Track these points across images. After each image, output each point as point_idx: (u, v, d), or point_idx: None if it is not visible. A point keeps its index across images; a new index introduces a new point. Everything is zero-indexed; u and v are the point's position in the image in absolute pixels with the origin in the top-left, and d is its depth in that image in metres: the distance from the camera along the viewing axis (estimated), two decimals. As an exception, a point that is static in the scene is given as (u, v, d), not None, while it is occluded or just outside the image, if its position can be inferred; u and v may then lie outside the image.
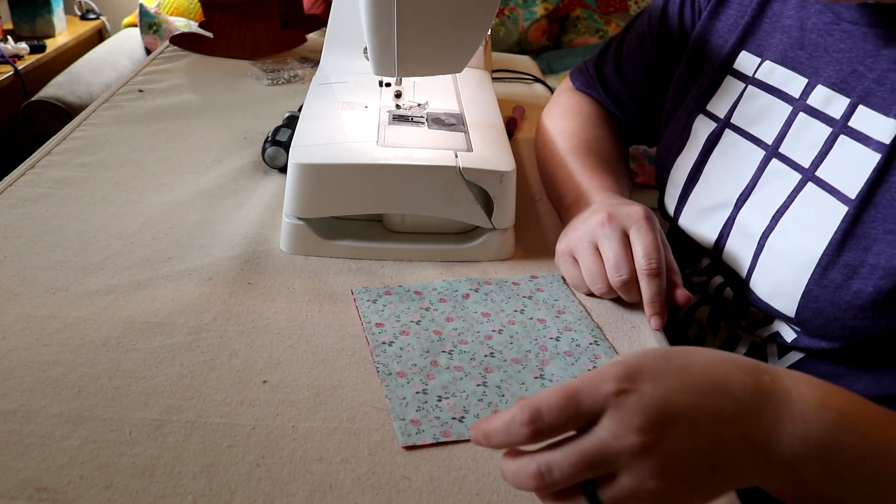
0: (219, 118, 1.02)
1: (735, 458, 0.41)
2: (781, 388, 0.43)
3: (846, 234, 0.59)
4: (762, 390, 0.42)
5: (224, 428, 0.51)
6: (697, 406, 0.41)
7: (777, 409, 0.42)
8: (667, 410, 0.40)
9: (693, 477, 0.40)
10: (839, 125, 0.62)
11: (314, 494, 0.47)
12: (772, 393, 0.42)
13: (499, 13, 2.39)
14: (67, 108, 1.94)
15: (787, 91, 0.67)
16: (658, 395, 0.40)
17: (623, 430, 0.39)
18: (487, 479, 0.49)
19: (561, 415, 0.40)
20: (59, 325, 0.60)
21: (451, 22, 0.67)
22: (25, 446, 0.48)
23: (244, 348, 0.59)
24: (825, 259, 0.60)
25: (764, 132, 0.68)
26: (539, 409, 0.40)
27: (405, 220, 0.73)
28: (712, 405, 0.41)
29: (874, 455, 0.42)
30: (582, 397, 0.40)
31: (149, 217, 0.76)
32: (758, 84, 0.70)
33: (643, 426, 0.39)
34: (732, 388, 0.42)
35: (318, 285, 0.67)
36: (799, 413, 0.42)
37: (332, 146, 0.71)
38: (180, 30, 2.20)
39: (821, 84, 0.64)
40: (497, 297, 0.66)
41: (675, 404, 0.40)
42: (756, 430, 0.41)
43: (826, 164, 0.62)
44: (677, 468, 0.40)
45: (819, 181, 0.62)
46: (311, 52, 1.32)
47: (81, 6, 2.71)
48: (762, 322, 0.68)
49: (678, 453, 0.40)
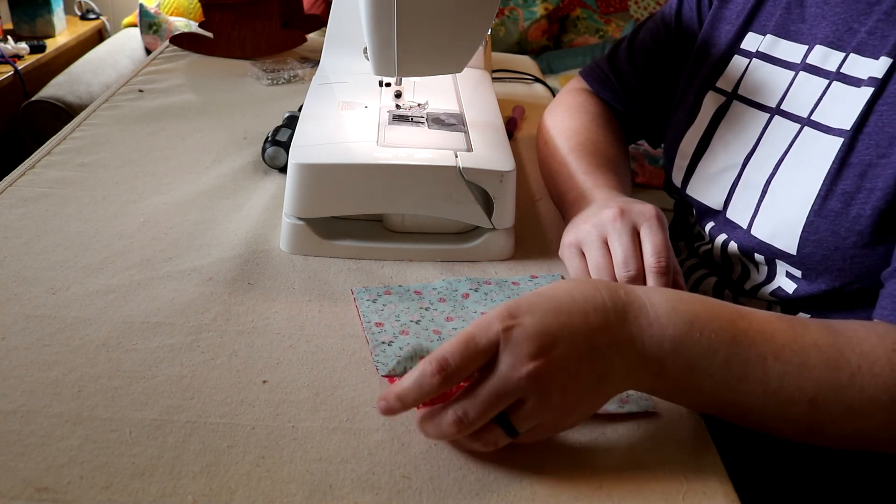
0: (219, 118, 1.02)
1: (613, 363, 0.48)
2: (636, 299, 0.50)
3: (842, 163, 0.61)
4: (620, 303, 0.50)
5: (224, 428, 0.51)
6: (571, 324, 0.48)
7: (636, 317, 0.49)
8: (548, 334, 0.47)
9: (584, 384, 0.48)
10: (833, 75, 0.65)
11: (314, 494, 0.47)
12: (629, 304, 0.50)
13: (499, 13, 2.39)
14: (67, 108, 1.94)
15: (788, 60, 0.70)
16: (537, 322, 0.47)
17: (517, 360, 0.46)
18: (487, 479, 0.49)
19: (464, 357, 0.46)
20: (59, 325, 0.60)
21: (451, 22, 0.67)
22: (25, 446, 0.48)
23: (244, 348, 0.59)
24: (823, 189, 0.62)
25: (767, 97, 0.71)
26: (445, 357, 0.46)
27: (405, 220, 0.73)
28: (582, 321, 0.48)
29: (725, 345, 0.49)
30: (478, 339, 0.46)
31: (149, 217, 0.76)
32: (761, 56, 0.73)
33: (532, 352, 0.46)
34: (595, 305, 0.49)
35: (318, 285, 0.67)
36: (654, 318, 0.49)
37: (332, 146, 0.71)
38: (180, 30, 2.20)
39: (818, 44, 0.67)
40: (497, 297, 0.66)
41: (552, 326, 0.47)
42: (622, 336, 0.49)
43: (820, 109, 0.65)
44: (570, 381, 0.47)
45: (815, 124, 0.65)
46: (311, 52, 1.32)
47: (81, 6, 2.71)
48: (765, 280, 0.70)
49: (567, 368, 0.47)
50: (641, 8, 2.63)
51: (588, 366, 0.48)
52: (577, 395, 0.48)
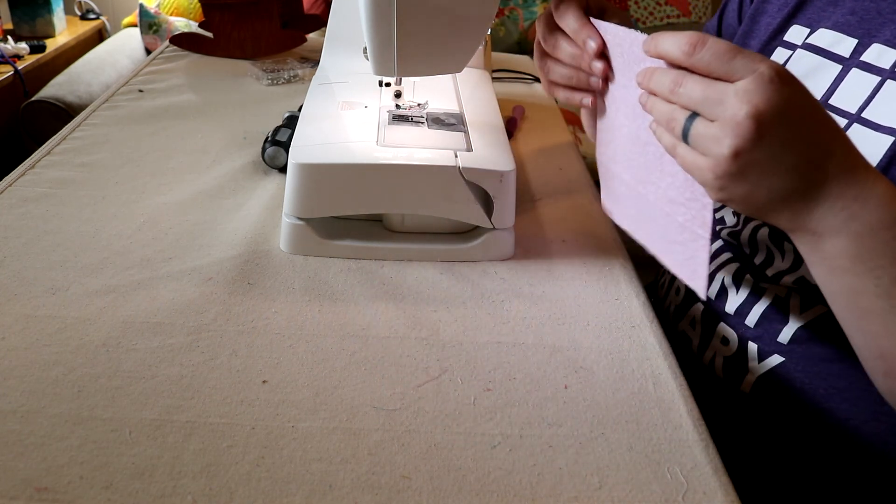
0: (219, 118, 1.02)
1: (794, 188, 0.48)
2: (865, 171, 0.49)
3: (890, 161, 0.59)
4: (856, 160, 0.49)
5: (224, 428, 0.51)
6: (808, 127, 0.47)
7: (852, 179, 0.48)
8: (785, 115, 0.46)
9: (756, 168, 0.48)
10: (887, 73, 0.62)
11: (314, 494, 0.47)
12: (860, 168, 0.49)
13: (499, 13, 2.39)
14: (67, 108, 1.94)
15: (835, 51, 0.68)
16: (788, 99, 0.46)
17: (746, 98, 0.46)
18: (487, 479, 0.49)
19: (716, 52, 0.47)
20: (59, 325, 0.60)
21: (451, 22, 0.67)
22: (25, 446, 0.48)
23: (244, 348, 0.59)
24: None
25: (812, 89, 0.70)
26: (705, 40, 0.47)
27: (405, 220, 0.73)
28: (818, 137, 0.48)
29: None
30: (741, 57, 0.47)
31: (149, 217, 0.76)
32: (806, 47, 0.71)
33: (759, 109, 0.45)
34: (840, 139, 0.49)
35: (318, 285, 0.67)
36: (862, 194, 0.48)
37: (332, 146, 0.71)
38: (180, 30, 2.20)
39: (875, 42, 0.65)
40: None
41: (796, 115, 0.47)
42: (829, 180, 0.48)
43: (872, 107, 0.62)
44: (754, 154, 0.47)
45: (864, 121, 0.63)
46: (311, 52, 1.32)
47: (81, 6, 2.71)
48: (790, 268, 0.68)
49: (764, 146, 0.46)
50: (641, 8, 2.63)
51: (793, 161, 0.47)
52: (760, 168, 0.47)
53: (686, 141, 0.50)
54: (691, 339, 0.76)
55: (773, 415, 0.67)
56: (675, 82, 0.49)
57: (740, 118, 0.46)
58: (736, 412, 0.69)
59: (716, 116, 0.47)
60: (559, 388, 0.57)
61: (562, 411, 0.55)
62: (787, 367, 0.66)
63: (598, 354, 0.61)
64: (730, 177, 0.48)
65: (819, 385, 0.64)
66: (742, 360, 0.69)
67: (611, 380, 0.58)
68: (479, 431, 0.52)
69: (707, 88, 0.48)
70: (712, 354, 0.73)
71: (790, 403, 0.66)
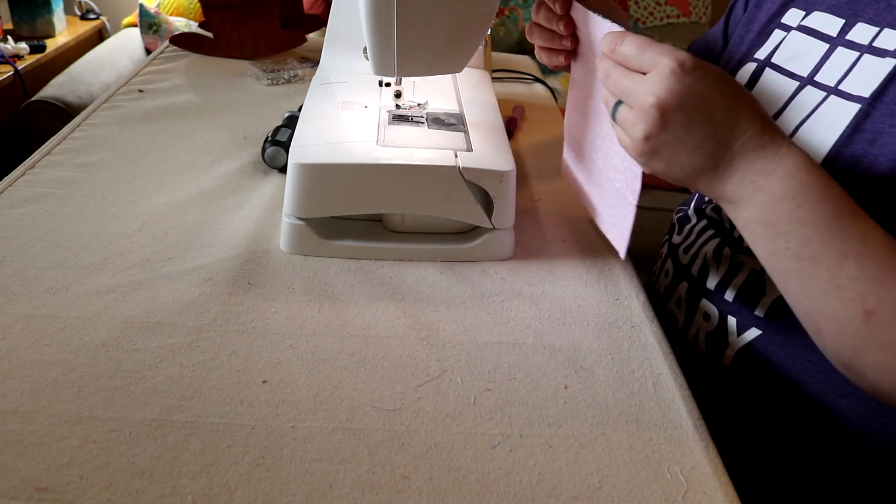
0: (219, 118, 1.02)
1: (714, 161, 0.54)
2: (775, 146, 0.53)
3: (856, 128, 0.62)
4: (763, 136, 0.53)
5: (224, 428, 0.51)
6: (710, 111, 0.52)
7: (762, 154, 0.53)
8: (686, 103, 0.51)
9: (666, 148, 0.53)
10: (866, 49, 0.65)
11: (314, 494, 0.47)
12: (769, 143, 0.53)
13: (499, 13, 2.39)
14: (67, 108, 1.94)
15: (825, 32, 0.71)
16: (690, 88, 0.51)
17: (650, 89, 0.52)
18: (487, 479, 0.49)
19: (630, 47, 0.54)
20: (59, 325, 0.60)
21: (451, 22, 0.67)
22: (25, 446, 0.48)
23: (244, 348, 0.59)
24: (833, 151, 0.63)
25: (799, 67, 0.72)
26: (624, 36, 0.55)
27: (405, 220, 0.73)
28: (721, 119, 0.52)
29: (814, 226, 0.52)
30: (649, 51, 0.53)
31: (149, 217, 0.76)
32: (800, 29, 0.74)
33: (661, 98, 0.51)
34: (746, 118, 0.53)
35: (318, 285, 0.67)
36: (772, 167, 0.53)
37: (332, 146, 0.71)
38: (180, 30, 2.20)
39: (860, 21, 0.68)
40: None
41: (696, 101, 0.52)
42: (736, 156, 0.53)
43: (848, 79, 0.65)
44: (661, 137, 0.52)
45: (840, 93, 0.65)
46: (311, 52, 1.32)
47: (81, 6, 2.71)
48: None
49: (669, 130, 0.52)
50: (641, 8, 2.63)
51: (698, 142, 0.53)
52: (670, 148, 0.53)
53: (616, 121, 0.57)
54: (677, 318, 0.77)
55: (752, 388, 0.69)
56: (606, 73, 0.56)
57: (647, 107, 0.52)
58: (717, 386, 0.70)
59: (632, 104, 0.54)
60: (559, 388, 0.57)
61: (562, 411, 0.55)
62: (764, 340, 0.67)
63: (598, 354, 0.61)
64: (647, 155, 0.55)
65: (795, 358, 0.65)
66: (723, 335, 0.70)
67: (611, 380, 0.58)
68: (479, 431, 0.52)
69: (624, 79, 0.55)
70: (696, 331, 0.74)
71: (768, 377, 0.67)
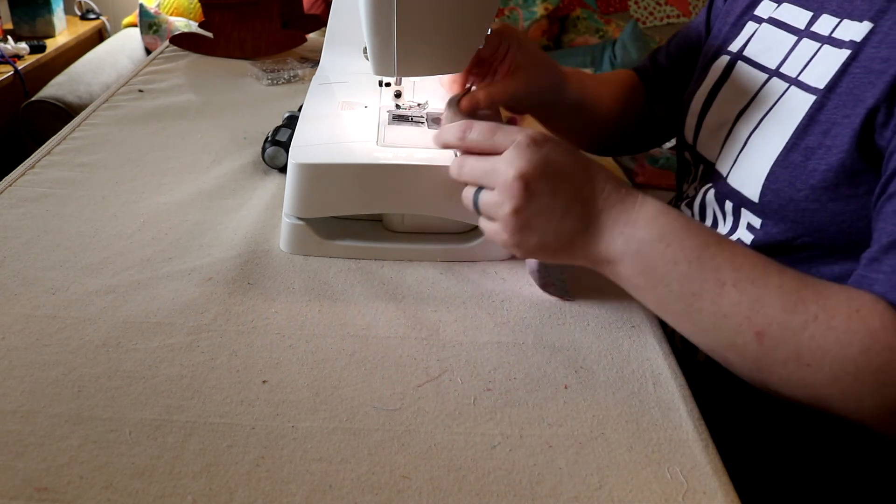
0: (219, 118, 1.02)
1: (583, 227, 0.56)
2: (632, 198, 0.56)
3: (811, 119, 0.64)
4: (620, 192, 0.56)
5: (224, 428, 0.51)
6: (570, 175, 0.56)
7: (623, 209, 0.56)
8: (546, 170, 0.55)
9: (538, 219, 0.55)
10: (825, 39, 0.67)
11: (314, 494, 0.47)
12: (627, 196, 0.56)
13: (499, 13, 2.39)
14: (67, 108, 1.94)
15: (793, 24, 0.73)
16: (545, 157, 0.55)
17: (511, 164, 0.54)
18: (487, 479, 0.49)
19: (481, 132, 0.57)
20: (59, 325, 0.60)
21: (451, 22, 0.67)
22: (25, 446, 0.48)
23: (244, 348, 0.59)
24: (790, 143, 0.65)
25: (769, 59, 0.74)
26: (472, 124, 0.58)
27: (405, 220, 0.73)
28: (581, 180, 0.56)
29: (687, 262, 0.54)
30: (500, 132, 0.57)
31: (149, 217, 0.76)
32: (770, 21, 0.76)
33: (523, 170, 0.54)
34: (602, 177, 0.57)
35: (318, 285, 0.67)
36: (634, 219, 0.55)
37: (332, 146, 0.71)
38: (180, 30, 2.20)
39: (825, 13, 0.69)
40: None
41: (555, 168, 0.55)
42: (604, 214, 0.56)
43: (808, 70, 0.67)
44: (531, 208, 0.55)
45: (800, 84, 0.67)
46: (311, 52, 1.32)
47: (81, 6, 2.71)
48: (729, 232, 0.74)
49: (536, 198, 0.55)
50: (641, 8, 2.63)
51: (565, 206, 0.55)
52: (540, 218, 0.55)
53: (479, 212, 0.59)
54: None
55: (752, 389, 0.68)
56: (460, 165, 0.59)
57: (510, 181, 0.54)
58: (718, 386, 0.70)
59: (493, 185, 0.56)
60: (559, 388, 0.57)
61: (562, 411, 0.55)
62: None
63: (598, 354, 0.61)
64: (519, 231, 0.56)
65: None
66: None
67: (611, 380, 0.58)
68: (479, 431, 0.52)
69: (481, 163, 0.57)
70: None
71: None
